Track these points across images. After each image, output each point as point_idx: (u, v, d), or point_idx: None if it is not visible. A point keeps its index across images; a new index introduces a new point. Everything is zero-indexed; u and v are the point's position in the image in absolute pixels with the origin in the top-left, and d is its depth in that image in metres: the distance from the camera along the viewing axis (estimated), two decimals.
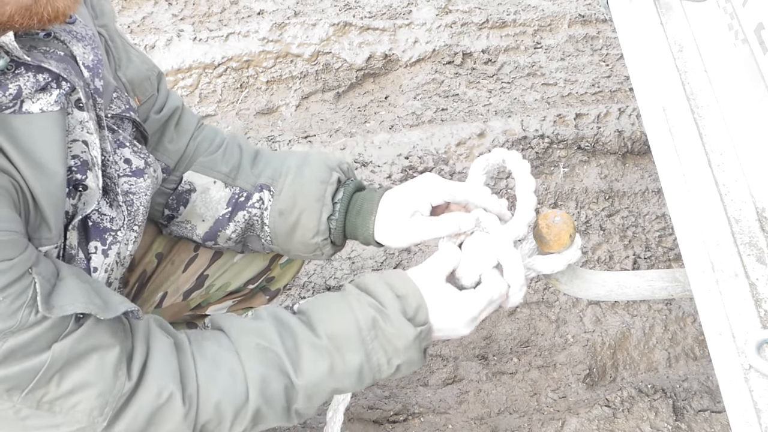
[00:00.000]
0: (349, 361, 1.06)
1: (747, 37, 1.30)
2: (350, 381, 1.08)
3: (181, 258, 1.42)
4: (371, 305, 1.08)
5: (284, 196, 1.25)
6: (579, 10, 3.16)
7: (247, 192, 1.27)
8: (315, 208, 1.23)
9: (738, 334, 1.02)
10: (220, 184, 1.28)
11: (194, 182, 1.27)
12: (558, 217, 1.16)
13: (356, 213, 1.26)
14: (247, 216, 1.27)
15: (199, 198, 1.28)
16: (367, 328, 1.06)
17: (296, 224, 1.25)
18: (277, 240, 1.28)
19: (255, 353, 1.03)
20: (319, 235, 1.25)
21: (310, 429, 1.87)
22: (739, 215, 1.17)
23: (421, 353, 1.10)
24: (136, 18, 2.96)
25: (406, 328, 1.06)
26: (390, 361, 1.08)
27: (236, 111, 2.70)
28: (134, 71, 1.19)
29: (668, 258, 2.33)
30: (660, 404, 1.91)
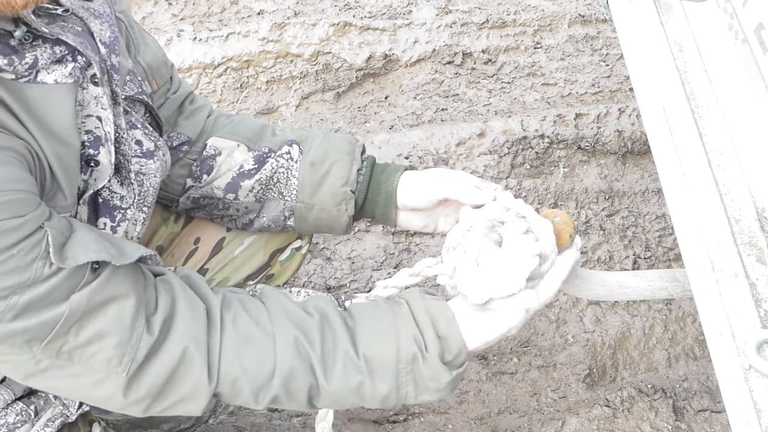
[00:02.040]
0: (378, 388, 1.06)
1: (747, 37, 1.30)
2: (374, 403, 1.08)
3: (182, 251, 1.43)
4: (416, 340, 1.07)
5: (315, 149, 1.30)
6: (579, 10, 3.16)
7: (274, 151, 1.31)
8: (346, 161, 1.29)
9: (738, 334, 1.02)
10: (243, 148, 1.31)
11: (218, 146, 1.31)
12: (558, 217, 1.16)
13: (381, 170, 1.32)
14: (274, 165, 1.30)
15: (225, 162, 1.31)
16: (405, 362, 1.06)
17: (327, 174, 1.28)
18: (303, 192, 1.30)
19: (291, 345, 1.03)
20: (348, 185, 1.29)
21: (310, 429, 1.87)
22: (739, 215, 1.17)
23: (451, 391, 1.10)
24: (136, 18, 2.96)
25: (442, 374, 1.06)
26: (418, 396, 1.08)
27: (236, 111, 2.70)
28: (152, 56, 1.23)
29: (668, 258, 2.33)
30: (660, 404, 1.91)
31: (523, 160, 2.53)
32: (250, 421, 1.88)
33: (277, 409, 1.92)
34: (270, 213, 1.35)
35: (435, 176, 1.27)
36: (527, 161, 2.53)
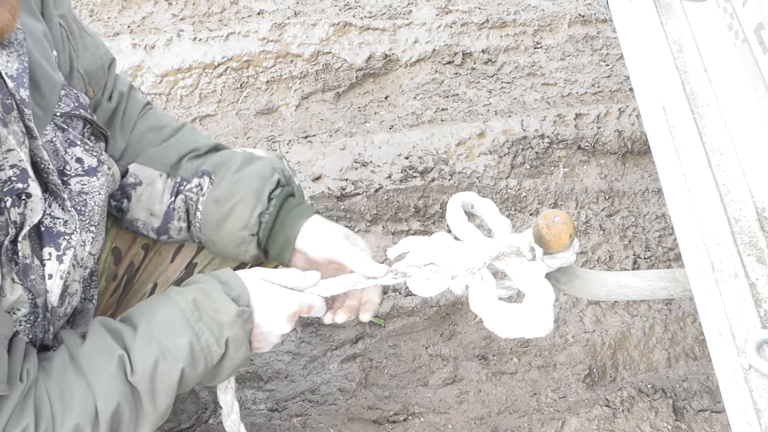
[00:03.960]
0: (179, 344, 1.07)
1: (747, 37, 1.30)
2: (186, 363, 1.07)
3: (168, 248, 1.41)
4: (192, 290, 1.12)
5: (223, 185, 1.25)
6: (579, 10, 3.16)
7: (187, 180, 1.27)
8: (250, 201, 1.24)
9: (738, 334, 1.02)
10: (164, 176, 1.27)
11: (139, 175, 1.26)
12: (558, 217, 1.16)
13: (288, 211, 1.27)
14: (184, 200, 1.27)
15: (146, 191, 1.27)
16: (190, 310, 1.09)
17: (229, 214, 1.24)
18: (206, 228, 1.27)
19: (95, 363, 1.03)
20: (248, 229, 1.24)
21: (310, 429, 1.87)
22: (739, 215, 1.17)
23: (246, 334, 1.12)
24: (136, 18, 2.96)
25: (228, 304, 1.10)
26: (218, 340, 1.09)
27: (236, 111, 2.70)
28: (89, 60, 1.18)
29: (668, 258, 2.33)
30: (660, 404, 1.91)
31: (523, 160, 2.53)
32: (250, 421, 1.88)
33: (277, 409, 1.92)
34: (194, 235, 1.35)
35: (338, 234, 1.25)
36: (527, 161, 2.53)
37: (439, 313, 2.13)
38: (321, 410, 1.92)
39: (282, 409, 1.92)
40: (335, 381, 1.98)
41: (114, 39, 2.78)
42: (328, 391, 1.96)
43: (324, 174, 2.39)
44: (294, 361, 2.01)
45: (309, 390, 1.95)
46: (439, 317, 2.13)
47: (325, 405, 1.93)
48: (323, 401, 1.93)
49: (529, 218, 2.40)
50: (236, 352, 1.12)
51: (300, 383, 1.97)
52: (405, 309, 2.13)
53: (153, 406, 1.06)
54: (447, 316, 2.13)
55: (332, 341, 2.06)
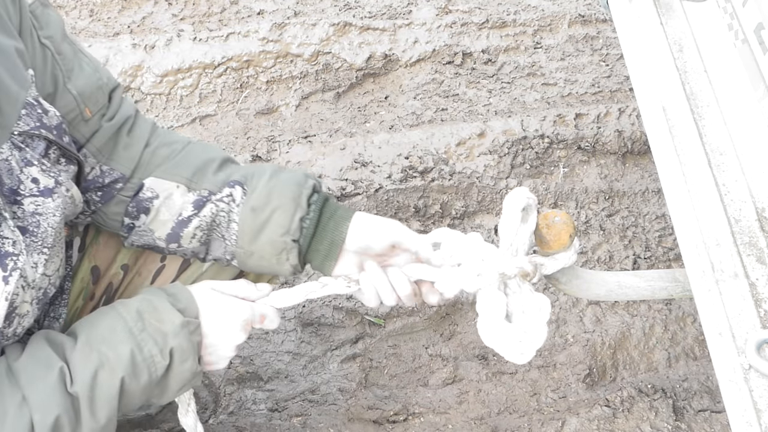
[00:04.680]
0: (120, 353, 1.06)
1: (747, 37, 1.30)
2: (126, 373, 1.06)
3: (149, 269, 1.40)
4: (137, 300, 1.12)
5: (258, 193, 1.22)
6: (579, 10, 3.16)
7: (214, 193, 1.24)
8: (289, 207, 1.21)
9: (738, 334, 1.02)
10: (183, 189, 1.24)
11: (155, 188, 1.24)
12: (558, 217, 1.16)
13: (329, 216, 1.24)
14: (214, 210, 1.24)
15: (163, 204, 1.24)
16: (133, 320, 1.09)
17: (267, 221, 1.21)
18: (243, 238, 1.24)
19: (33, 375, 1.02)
20: (289, 235, 1.21)
21: (310, 429, 1.87)
22: (739, 215, 1.17)
23: (192, 345, 1.11)
24: (136, 18, 2.96)
25: (172, 314, 1.10)
26: (162, 350, 1.08)
27: (236, 111, 2.70)
28: (85, 81, 1.16)
29: (668, 258, 2.33)
30: (660, 404, 1.91)
31: (523, 160, 2.53)
32: (250, 421, 1.88)
33: (277, 409, 1.92)
34: (214, 253, 1.31)
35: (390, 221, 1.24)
36: (527, 161, 2.53)
37: (439, 313, 2.13)
38: (321, 410, 1.92)
39: (282, 409, 1.92)
40: (335, 381, 1.98)
41: (114, 39, 2.78)
42: (328, 391, 1.96)
43: (324, 174, 2.39)
44: (294, 361, 2.01)
45: (309, 390, 1.95)
46: (439, 317, 2.13)
47: (325, 405, 1.93)
48: (323, 401, 1.93)
49: None
50: (182, 363, 1.11)
51: (300, 383, 1.97)
52: (405, 309, 2.13)
53: (92, 417, 1.05)
54: (447, 316, 2.13)
55: (332, 341, 2.06)
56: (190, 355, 1.11)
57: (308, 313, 2.09)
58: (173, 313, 1.10)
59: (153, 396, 1.13)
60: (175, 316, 1.10)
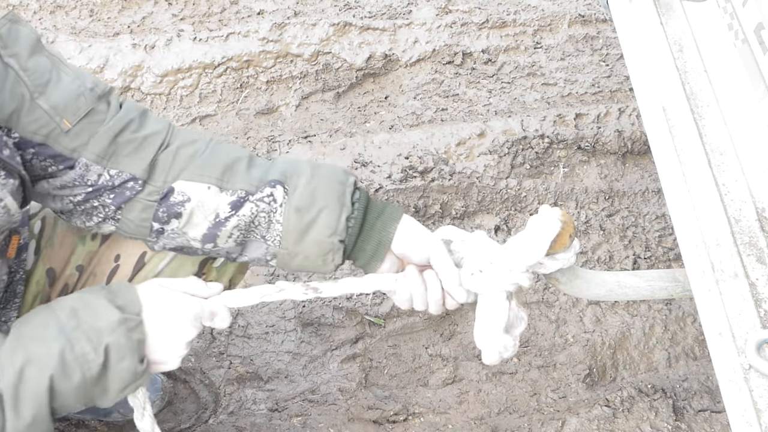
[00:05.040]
0: (49, 350, 1.03)
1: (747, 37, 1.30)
2: (55, 371, 1.03)
3: (102, 269, 1.38)
4: (72, 297, 1.08)
5: (301, 192, 1.20)
6: (579, 10, 3.16)
7: (252, 192, 1.21)
8: (335, 207, 1.19)
9: (738, 334, 1.02)
10: (215, 189, 1.22)
11: (186, 191, 1.21)
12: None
13: (376, 216, 1.23)
14: (254, 210, 1.21)
15: (196, 207, 1.22)
16: (66, 317, 1.05)
17: (313, 222, 1.20)
18: (287, 239, 1.22)
19: None
20: (336, 235, 1.20)
21: (310, 429, 1.87)
22: (739, 215, 1.17)
23: (131, 343, 1.07)
24: (136, 18, 2.96)
25: (108, 311, 1.06)
26: (96, 348, 1.05)
27: (236, 111, 2.70)
28: (61, 92, 1.14)
29: (668, 258, 2.33)
30: (660, 404, 1.91)
31: (523, 160, 2.53)
32: (250, 421, 1.88)
33: (277, 409, 1.92)
34: (252, 254, 1.29)
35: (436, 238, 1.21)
36: (527, 161, 2.53)
37: None
38: (321, 410, 1.92)
39: (282, 409, 1.92)
40: (335, 381, 1.98)
41: (114, 39, 2.78)
42: (328, 391, 1.96)
43: None
44: (294, 361, 2.01)
45: (309, 390, 1.95)
46: (439, 317, 2.13)
47: (325, 405, 1.93)
48: (323, 401, 1.93)
49: (529, 218, 2.40)
50: (119, 362, 1.07)
51: (300, 383, 1.97)
52: (405, 309, 2.13)
53: (16, 415, 1.02)
54: (447, 316, 2.13)
55: (332, 341, 2.06)
56: (128, 353, 1.07)
57: (308, 313, 2.09)
58: (110, 309, 1.06)
59: (94, 396, 1.09)
60: (111, 313, 1.06)
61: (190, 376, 1.95)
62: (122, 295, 1.10)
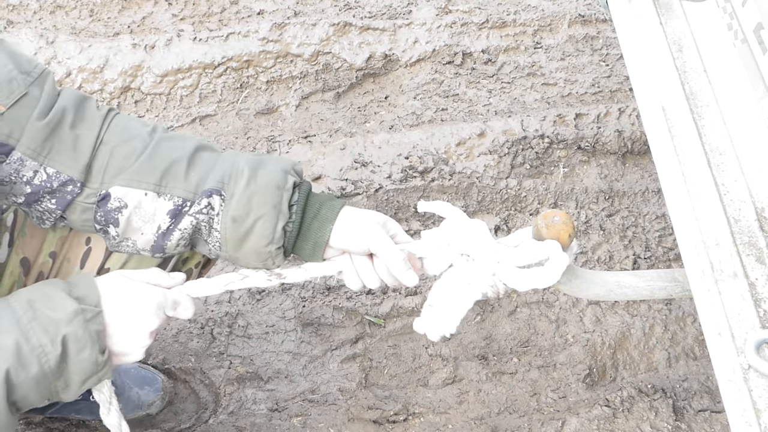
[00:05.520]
0: (4, 343, 1.02)
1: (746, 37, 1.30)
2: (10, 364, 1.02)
3: (75, 254, 1.37)
4: (29, 289, 1.08)
5: (237, 201, 1.18)
6: (579, 10, 3.16)
7: (190, 201, 1.20)
8: (271, 215, 1.18)
9: (737, 334, 1.02)
10: (152, 195, 1.19)
11: (123, 198, 1.18)
12: (558, 216, 1.16)
13: (312, 216, 1.22)
14: (194, 222, 1.21)
15: (134, 213, 1.20)
16: (23, 309, 1.05)
17: (250, 231, 1.19)
18: (226, 246, 1.22)
19: None
20: (274, 244, 1.20)
21: (310, 429, 1.87)
22: (739, 215, 1.17)
23: (89, 334, 1.07)
24: (136, 18, 2.97)
25: (65, 301, 1.06)
26: (53, 339, 1.04)
27: (236, 111, 2.70)
28: None
29: (668, 258, 2.33)
30: (660, 404, 1.91)
31: (523, 160, 2.53)
32: (250, 421, 1.88)
33: (277, 409, 1.92)
34: (201, 249, 1.29)
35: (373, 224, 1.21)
36: (527, 161, 2.53)
37: None
38: (321, 410, 1.92)
39: (282, 409, 1.92)
40: (335, 381, 1.98)
41: (114, 39, 2.78)
42: (328, 391, 1.96)
43: (324, 174, 2.39)
44: (294, 361, 2.01)
45: (309, 390, 1.95)
46: None
47: (325, 405, 1.93)
48: (323, 401, 1.93)
49: (529, 218, 2.40)
50: (79, 353, 1.06)
51: (300, 383, 1.97)
52: (405, 309, 2.13)
53: None
54: None
55: (332, 341, 2.06)
56: (87, 344, 1.06)
57: (308, 313, 2.10)
58: (67, 300, 1.06)
59: (57, 389, 1.08)
60: (68, 303, 1.05)
61: (190, 376, 1.95)
62: (81, 287, 1.10)
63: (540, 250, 1.16)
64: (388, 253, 1.20)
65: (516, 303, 2.16)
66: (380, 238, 1.20)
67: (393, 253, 1.20)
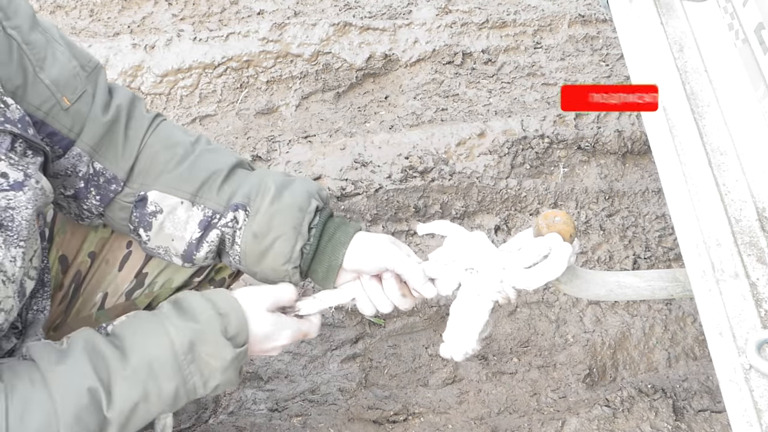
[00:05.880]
0: (165, 389, 1.08)
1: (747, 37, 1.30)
2: (165, 406, 1.10)
3: (115, 256, 1.39)
4: (189, 327, 1.10)
5: (260, 218, 1.22)
6: (579, 10, 3.16)
7: (219, 213, 1.23)
8: (291, 236, 1.22)
9: (738, 334, 1.02)
10: (187, 204, 1.23)
11: (160, 203, 1.22)
12: (558, 217, 1.16)
13: (327, 240, 1.25)
14: (220, 234, 1.25)
15: (167, 219, 1.23)
16: (183, 353, 1.09)
17: (269, 249, 1.23)
18: (246, 260, 1.26)
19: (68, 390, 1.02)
20: (291, 263, 1.23)
21: (310, 429, 1.87)
22: (740, 215, 1.17)
23: (237, 373, 1.14)
24: (136, 18, 2.96)
25: (224, 350, 1.11)
26: (206, 383, 1.11)
27: (236, 111, 2.70)
28: (58, 69, 1.14)
29: (668, 258, 2.33)
30: (660, 404, 1.91)
31: (523, 160, 2.53)
32: (250, 421, 1.88)
33: (277, 409, 1.92)
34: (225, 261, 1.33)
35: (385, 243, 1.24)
36: (527, 161, 2.53)
37: (439, 313, 2.13)
38: (321, 410, 1.92)
39: (282, 409, 1.92)
40: (335, 381, 1.98)
41: (114, 39, 2.78)
42: (328, 391, 1.96)
43: (324, 174, 2.39)
44: (294, 361, 2.01)
45: (309, 390, 1.95)
46: (439, 317, 2.13)
47: (325, 405, 1.93)
48: (323, 401, 1.93)
49: (529, 218, 2.40)
50: (224, 388, 1.15)
51: (300, 383, 1.97)
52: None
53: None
54: (447, 316, 2.13)
55: (332, 341, 2.06)
56: (234, 383, 1.15)
57: None
58: (225, 347, 1.11)
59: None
60: (227, 352, 1.11)
61: None
62: (233, 324, 1.13)
63: (542, 245, 1.16)
64: (406, 266, 1.22)
65: (516, 303, 2.16)
66: (397, 254, 1.23)
67: (411, 267, 1.22)
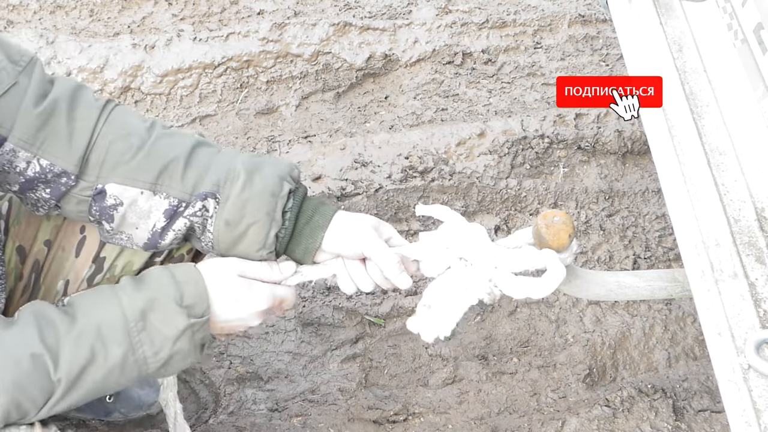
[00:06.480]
0: (112, 353, 1.06)
1: (746, 37, 1.30)
2: (114, 375, 1.07)
3: (70, 242, 1.37)
4: (142, 296, 1.09)
5: (231, 205, 1.18)
6: (579, 10, 3.16)
7: (186, 202, 1.19)
8: (265, 222, 1.18)
9: (737, 334, 1.02)
10: (148, 194, 1.18)
11: (119, 196, 1.18)
12: (557, 217, 1.16)
13: (305, 223, 1.23)
14: (188, 223, 1.21)
15: (129, 210, 1.19)
16: (134, 320, 1.07)
17: (243, 236, 1.19)
18: (219, 246, 1.22)
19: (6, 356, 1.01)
20: (265, 249, 1.20)
21: (310, 429, 1.87)
22: (739, 215, 1.17)
23: (194, 345, 1.11)
24: (136, 18, 2.97)
25: (176, 318, 1.08)
26: (157, 353, 1.08)
27: (236, 111, 2.70)
28: None
29: (668, 258, 2.33)
30: (660, 404, 1.91)
31: (523, 160, 2.53)
32: (250, 421, 1.88)
33: (277, 409, 1.92)
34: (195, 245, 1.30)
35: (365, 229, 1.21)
36: (527, 161, 2.53)
37: None
38: (321, 410, 1.92)
39: (282, 409, 1.92)
40: (335, 381, 1.98)
41: (114, 39, 2.78)
42: (328, 391, 1.96)
43: (324, 174, 2.39)
44: (294, 361, 2.01)
45: (309, 390, 1.96)
46: None
47: (325, 405, 1.93)
48: (323, 401, 1.94)
49: (529, 218, 2.40)
50: (180, 362, 1.11)
51: (300, 383, 1.97)
52: (405, 309, 2.13)
53: (63, 400, 1.06)
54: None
55: (332, 341, 2.06)
56: (190, 354, 1.11)
57: (308, 313, 2.10)
58: (178, 314, 1.08)
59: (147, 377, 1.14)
60: (179, 320, 1.08)
61: (190, 376, 1.95)
62: (191, 293, 1.11)
63: (537, 260, 1.15)
64: (380, 256, 1.20)
65: (516, 303, 2.16)
66: (372, 242, 1.20)
67: (386, 257, 1.20)
